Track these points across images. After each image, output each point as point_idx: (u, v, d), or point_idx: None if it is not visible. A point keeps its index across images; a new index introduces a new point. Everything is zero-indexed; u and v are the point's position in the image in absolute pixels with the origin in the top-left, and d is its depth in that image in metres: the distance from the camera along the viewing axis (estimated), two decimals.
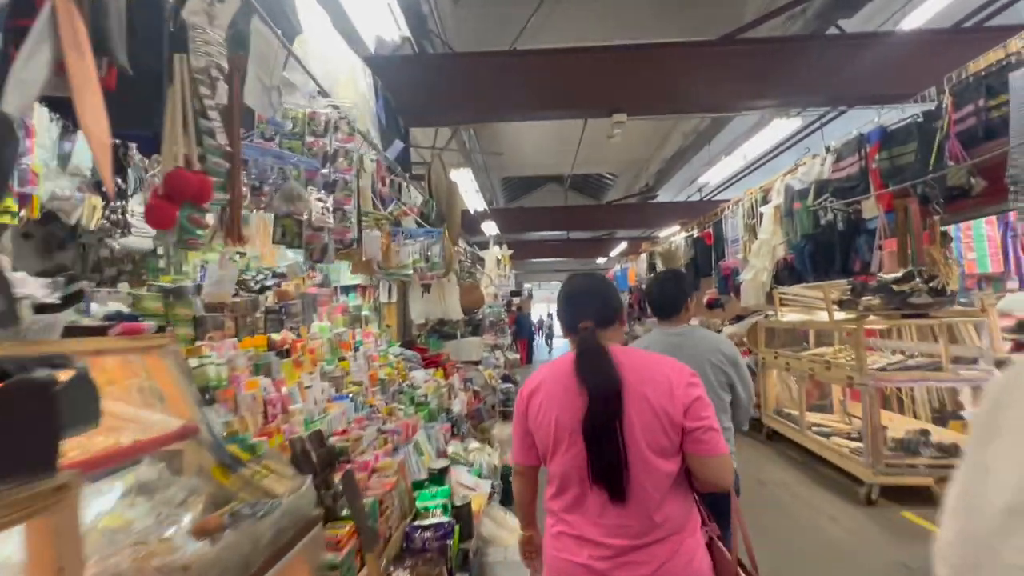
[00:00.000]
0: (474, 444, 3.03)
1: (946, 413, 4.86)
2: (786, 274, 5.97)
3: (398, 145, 4.01)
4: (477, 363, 5.83)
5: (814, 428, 4.93)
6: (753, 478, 4.41)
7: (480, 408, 4.26)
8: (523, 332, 13.65)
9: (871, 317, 3.83)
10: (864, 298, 3.91)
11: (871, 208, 4.63)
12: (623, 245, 14.21)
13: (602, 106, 4.82)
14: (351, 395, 2.65)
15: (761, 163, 7.71)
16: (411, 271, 2.91)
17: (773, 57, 4.73)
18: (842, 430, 5.06)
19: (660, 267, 10.15)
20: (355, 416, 2.42)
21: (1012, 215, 5.48)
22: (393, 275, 3.06)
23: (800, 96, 4.79)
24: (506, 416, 6.73)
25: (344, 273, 4.95)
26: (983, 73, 3.73)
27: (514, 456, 1.34)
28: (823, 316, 4.48)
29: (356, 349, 3.40)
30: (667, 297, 1.99)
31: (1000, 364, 3.81)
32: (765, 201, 6.39)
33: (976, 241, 5.49)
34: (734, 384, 1.93)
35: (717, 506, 1.36)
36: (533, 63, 4.85)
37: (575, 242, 15.96)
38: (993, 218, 5.38)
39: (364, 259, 2.38)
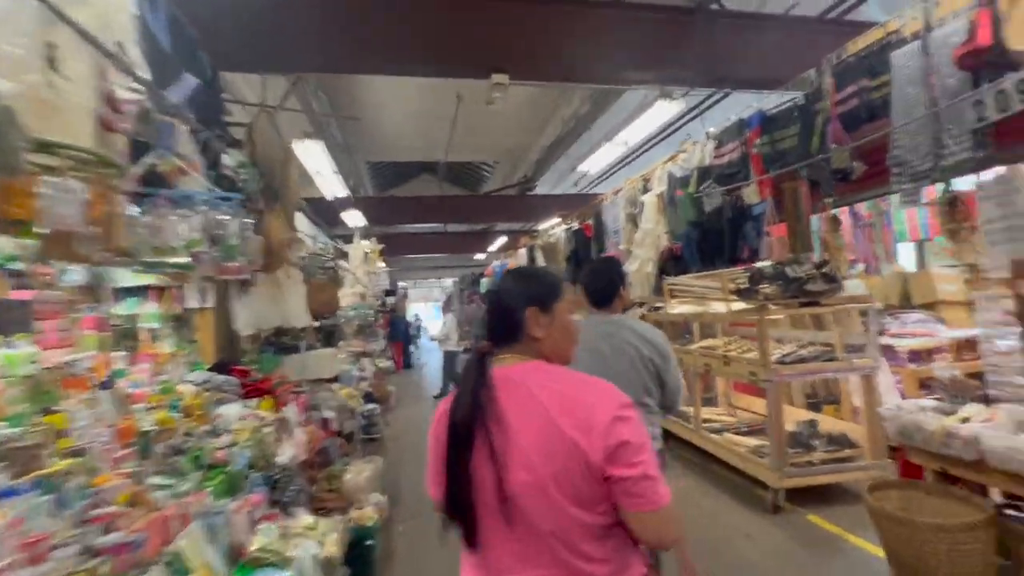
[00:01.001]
0: (304, 519, 2.00)
1: (819, 399, 4.94)
2: (671, 264, 5.79)
3: (189, 81, 2.77)
4: (333, 380, 4.67)
5: (705, 425, 4.70)
6: None
7: (328, 446, 3.20)
8: (398, 335, 12.52)
9: (771, 307, 3.55)
10: (761, 286, 3.63)
11: (752, 194, 4.50)
12: (503, 239, 13.69)
13: (481, 64, 4.02)
14: (51, 479, 1.48)
15: (641, 151, 7.59)
16: (186, 259, 1.80)
17: (659, 27, 4.38)
18: (730, 423, 4.91)
19: (541, 261, 9.73)
20: (38, 529, 1.28)
21: (860, 205, 5.90)
22: (155, 267, 1.90)
23: (685, 73, 4.48)
24: (372, 442, 5.65)
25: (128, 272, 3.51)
26: (863, 53, 3.66)
27: (430, 488, 1.12)
28: (718, 307, 4.19)
29: (104, 387, 2.15)
30: (599, 285, 2.01)
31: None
32: (646, 190, 6.18)
33: None
34: (663, 375, 1.92)
35: None
36: (398, 1, 3.88)
37: (453, 236, 15.09)
38: (846, 207, 5.69)
39: (50, 230, 1.25)
